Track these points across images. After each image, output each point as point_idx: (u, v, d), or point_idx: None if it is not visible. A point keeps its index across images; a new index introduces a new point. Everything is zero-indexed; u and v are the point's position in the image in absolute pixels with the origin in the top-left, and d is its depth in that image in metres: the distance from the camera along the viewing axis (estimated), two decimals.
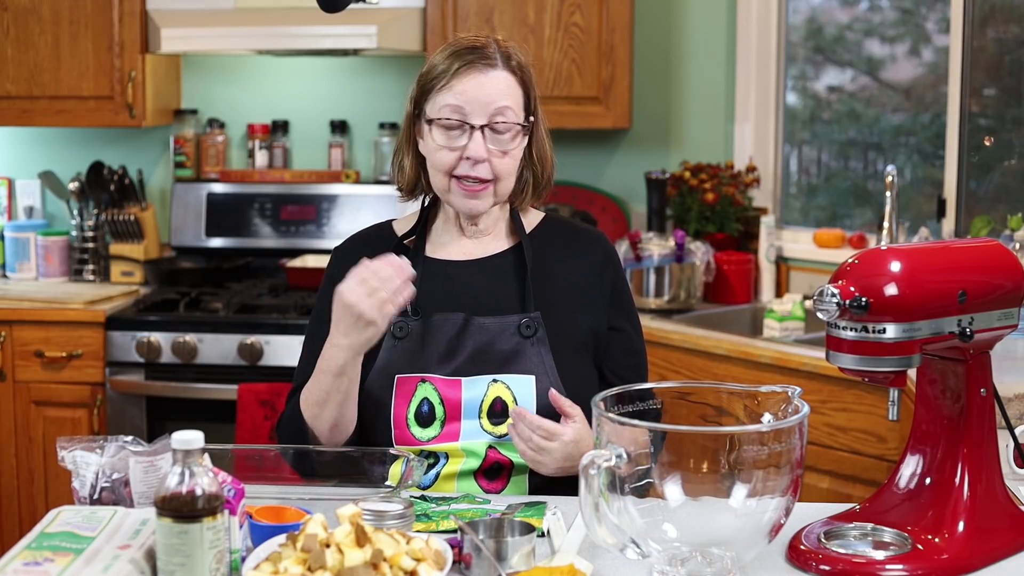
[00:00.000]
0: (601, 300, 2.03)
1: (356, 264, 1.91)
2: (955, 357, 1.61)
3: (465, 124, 1.91)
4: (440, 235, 2.06)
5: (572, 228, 2.11)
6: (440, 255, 2.04)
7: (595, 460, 1.42)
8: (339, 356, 1.86)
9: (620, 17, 3.65)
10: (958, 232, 3.33)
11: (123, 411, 3.49)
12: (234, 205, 4.00)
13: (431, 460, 1.93)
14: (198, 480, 1.36)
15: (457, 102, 1.91)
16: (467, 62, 1.92)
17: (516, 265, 2.02)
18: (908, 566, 1.53)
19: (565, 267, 2.03)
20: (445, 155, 1.93)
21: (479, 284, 2.00)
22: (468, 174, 1.92)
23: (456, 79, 1.92)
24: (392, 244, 2.03)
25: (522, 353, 1.94)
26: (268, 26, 3.66)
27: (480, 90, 1.91)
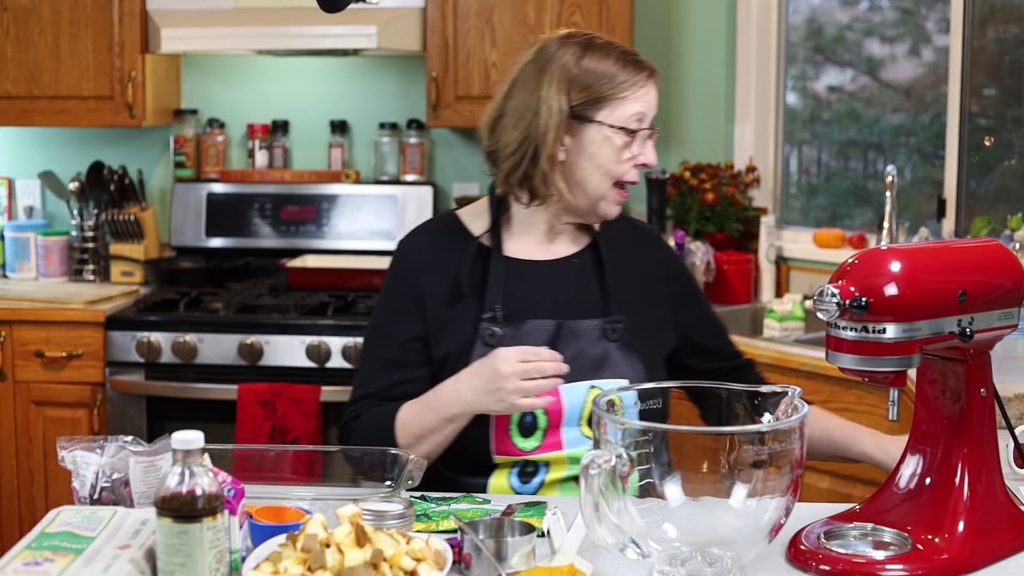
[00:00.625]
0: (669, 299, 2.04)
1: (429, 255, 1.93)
2: (955, 357, 1.61)
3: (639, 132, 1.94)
4: (517, 233, 1.99)
5: (628, 224, 2.11)
6: (518, 254, 1.98)
7: (595, 460, 1.42)
8: (456, 406, 1.83)
9: (620, 17, 3.65)
10: (958, 232, 3.33)
11: (123, 411, 3.49)
12: (234, 205, 4.00)
13: (530, 469, 1.90)
14: (198, 480, 1.36)
15: (643, 110, 1.93)
16: (648, 71, 1.96)
17: (594, 265, 2.00)
18: (908, 566, 1.53)
19: (633, 266, 2.03)
20: (625, 163, 1.93)
21: (562, 286, 1.97)
22: (633, 180, 1.94)
23: (643, 89, 1.94)
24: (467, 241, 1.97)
25: (611, 357, 1.92)
26: (268, 26, 3.66)
27: (652, 97, 1.96)
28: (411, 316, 1.95)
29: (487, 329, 1.90)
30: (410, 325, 1.95)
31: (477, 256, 1.96)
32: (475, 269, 1.95)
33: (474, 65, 3.69)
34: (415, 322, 1.95)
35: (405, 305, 1.96)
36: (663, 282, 2.04)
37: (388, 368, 1.95)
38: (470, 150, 4.06)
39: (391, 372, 1.95)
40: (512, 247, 1.98)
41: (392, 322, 1.96)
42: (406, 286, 1.96)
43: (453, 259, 1.96)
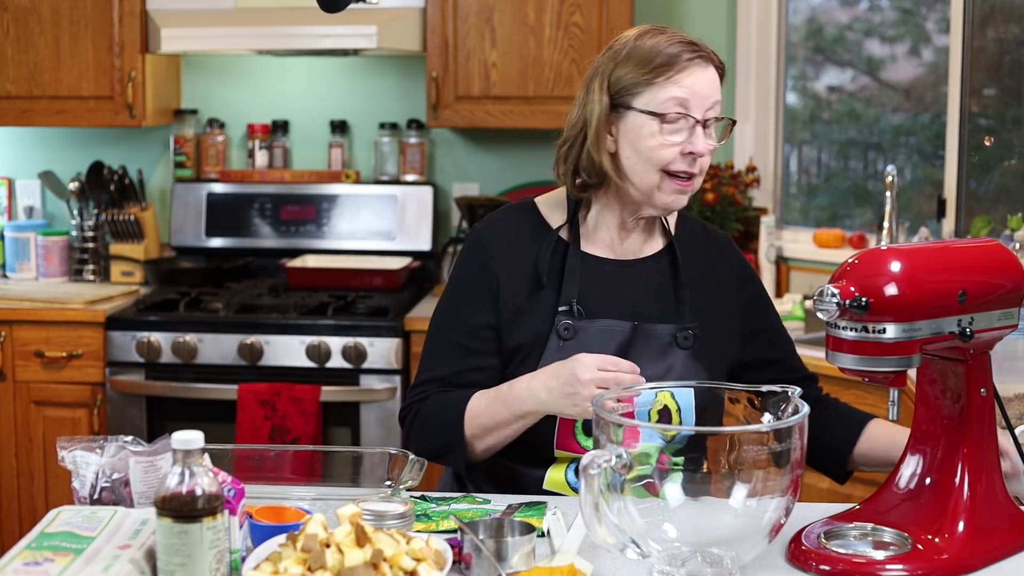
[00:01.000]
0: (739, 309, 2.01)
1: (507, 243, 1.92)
2: (955, 357, 1.61)
3: (689, 117, 1.86)
4: (596, 229, 1.97)
5: (703, 228, 2.08)
6: (595, 250, 1.96)
7: (595, 460, 1.42)
8: (529, 404, 1.82)
9: (620, 17, 3.65)
10: (958, 232, 3.33)
11: (123, 411, 3.49)
12: (234, 205, 4.00)
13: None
14: (198, 480, 1.36)
15: (685, 96, 1.85)
16: (692, 56, 1.88)
17: (669, 269, 1.98)
18: (908, 566, 1.53)
19: (705, 270, 2.00)
20: (666, 150, 1.86)
21: (638, 288, 1.95)
22: (684, 169, 1.86)
23: (682, 72, 1.86)
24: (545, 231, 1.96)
25: (678, 362, 1.91)
26: (268, 26, 3.66)
27: (702, 84, 1.86)
28: (484, 304, 1.93)
29: (563, 322, 1.89)
30: (483, 312, 1.93)
31: (556, 248, 1.94)
32: (553, 262, 1.93)
33: (474, 65, 3.69)
34: (489, 310, 1.93)
35: (479, 292, 1.94)
36: (734, 290, 2.02)
37: (458, 354, 1.93)
38: (470, 150, 4.06)
39: (461, 359, 1.93)
40: (588, 243, 1.97)
41: (465, 308, 1.94)
42: (482, 273, 1.94)
43: (532, 249, 1.94)
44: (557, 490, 1.90)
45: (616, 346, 1.88)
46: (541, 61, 3.67)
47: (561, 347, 1.87)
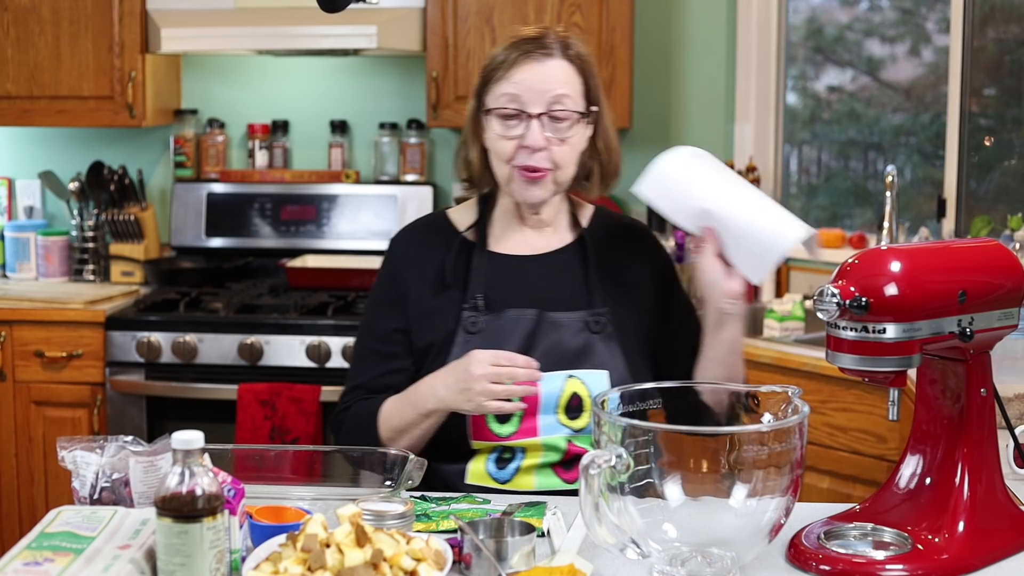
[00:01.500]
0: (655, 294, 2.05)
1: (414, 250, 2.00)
2: (955, 357, 1.61)
3: (523, 113, 1.92)
4: (501, 228, 2.05)
5: (621, 221, 2.14)
6: (503, 249, 2.03)
7: (595, 460, 1.42)
8: (431, 402, 1.88)
9: (620, 17, 3.65)
10: (958, 232, 3.34)
11: (123, 411, 3.49)
12: (234, 205, 4.00)
13: (507, 456, 1.93)
14: (198, 480, 1.36)
15: (515, 91, 1.92)
16: (524, 51, 1.94)
17: (580, 260, 2.03)
18: (908, 566, 1.53)
19: (620, 261, 2.05)
20: (504, 144, 1.94)
21: (546, 279, 2.01)
22: (526, 163, 1.93)
23: (514, 68, 1.93)
24: (452, 237, 2.04)
25: (593, 348, 1.95)
26: (268, 26, 3.66)
27: (537, 78, 1.92)
28: (395, 309, 2.01)
29: (469, 318, 1.96)
30: (394, 318, 2.01)
31: (461, 250, 2.02)
32: (459, 262, 2.01)
33: (474, 65, 3.69)
34: (399, 315, 2.01)
35: (390, 299, 2.02)
36: (651, 279, 2.06)
37: (374, 360, 2.01)
38: None
39: (377, 364, 2.00)
40: (497, 243, 2.04)
41: (378, 316, 2.03)
42: (391, 280, 2.04)
43: (438, 254, 2.03)
44: (479, 482, 1.94)
45: (522, 336, 1.94)
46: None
47: (468, 341, 1.94)
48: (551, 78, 1.92)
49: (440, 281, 2.00)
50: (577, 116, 1.94)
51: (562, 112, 1.92)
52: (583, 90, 1.96)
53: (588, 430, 1.92)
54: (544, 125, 1.92)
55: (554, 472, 1.93)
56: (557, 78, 1.93)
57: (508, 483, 1.93)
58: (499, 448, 1.93)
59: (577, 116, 1.94)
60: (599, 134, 2.02)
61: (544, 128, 1.92)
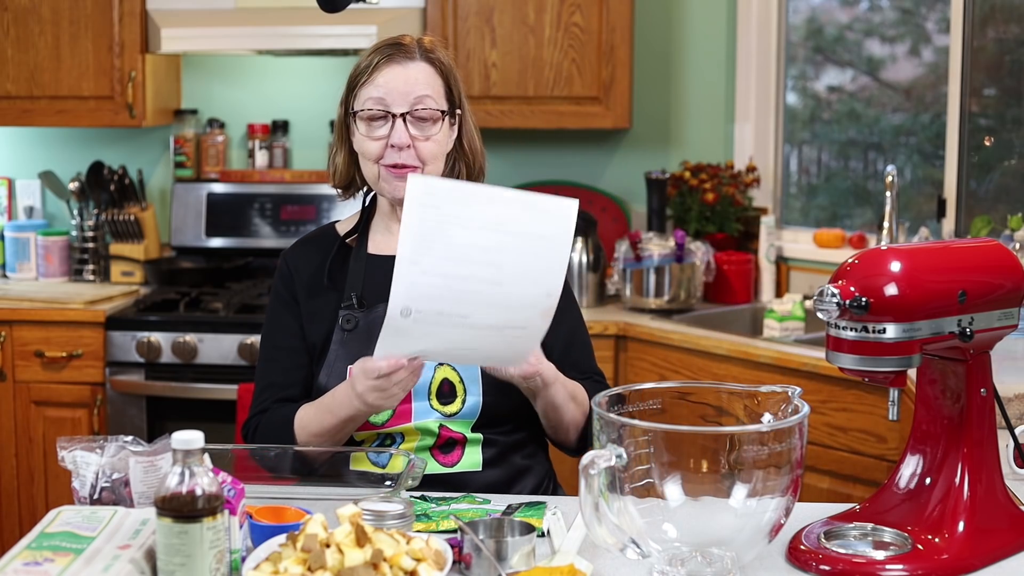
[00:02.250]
0: None
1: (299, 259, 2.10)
2: (955, 357, 1.61)
3: (388, 113, 2.00)
4: (380, 231, 2.14)
5: None
6: (380, 250, 2.12)
7: (595, 460, 1.42)
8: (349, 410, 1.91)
9: (620, 17, 3.65)
10: (958, 232, 3.33)
11: (123, 411, 3.49)
12: (234, 205, 4.00)
13: (388, 442, 2.01)
14: (198, 480, 1.36)
15: (379, 94, 2.00)
16: (386, 56, 2.02)
17: None
18: (908, 566, 1.53)
19: None
20: (371, 144, 2.02)
21: None
22: (394, 161, 2.00)
23: (376, 72, 2.02)
24: (335, 244, 2.13)
25: None
26: (268, 26, 3.66)
27: (399, 80, 2.00)
28: (289, 311, 2.10)
29: (344, 316, 2.04)
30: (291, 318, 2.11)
31: (339, 254, 2.11)
32: (336, 266, 2.10)
33: (474, 65, 3.69)
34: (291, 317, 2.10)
35: (283, 303, 2.12)
36: None
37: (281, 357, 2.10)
38: None
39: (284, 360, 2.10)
40: (376, 245, 2.13)
41: (276, 317, 2.13)
42: (282, 288, 2.13)
43: (319, 259, 2.12)
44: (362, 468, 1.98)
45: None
46: (541, 61, 3.67)
47: (344, 339, 2.03)
48: (412, 79, 2.01)
49: (319, 285, 2.09)
50: (439, 114, 2.02)
51: (425, 111, 2.00)
52: (444, 91, 2.04)
53: (461, 414, 1.99)
54: (408, 124, 2.00)
55: (432, 456, 1.99)
56: (418, 79, 2.01)
57: (387, 467, 1.97)
58: (379, 436, 2.00)
59: (439, 114, 2.02)
60: (463, 135, 2.10)
61: (408, 127, 2.00)
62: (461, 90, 2.09)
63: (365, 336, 2.01)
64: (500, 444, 2.02)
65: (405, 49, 2.03)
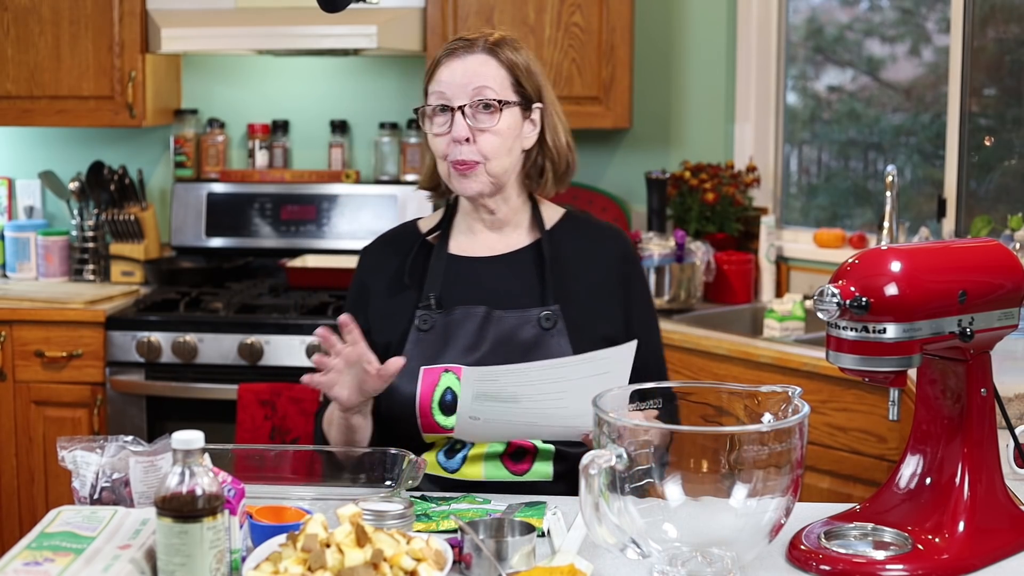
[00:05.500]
0: (617, 295, 2.08)
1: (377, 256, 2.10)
2: (955, 357, 1.61)
3: (448, 108, 1.98)
4: (462, 230, 2.11)
5: (591, 223, 2.17)
6: (464, 251, 2.09)
7: (595, 460, 1.42)
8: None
9: (620, 17, 3.65)
10: (958, 232, 3.33)
11: (123, 411, 3.49)
12: (234, 205, 4.00)
13: (458, 446, 2.00)
14: (198, 480, 1.36)
15: (439, 88, 1.99)
16: (448, 52, 2.01)
17: (537, 260, 2.07)
18: (908, 566, 1.53)
19: (583, 261, 2.09)
20: (437, 141, 2.01)
21: (501, 279, 2.06)
22: (457, 157, 1.98)
23: (439, 68, 2.01)
24: (416, 242, 2.11)
25: (542, 344, 1.99)
26: (268, 26, 3.66)
27: (457, 73, 1.99)
28: (358, 313, 2.08)
29: (421, 316, 2.03)
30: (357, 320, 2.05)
31: (420, 253, 2.10)
32: (417, 265, 2.09)
33: None
34: (361, 318, 2.06)
35: (354, 303, 2.12)
36: (615, 284, 2.09)
37: None
38: None
39: None
40: (458, 245, 2.11)
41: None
42: (356, 287, 2.14)
43: (399, 258, 2.11)
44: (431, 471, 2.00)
45: (470, 332, 2.00)
46: (541, 61, 3.65)
47: (419, 339, 2.02)
48: (471, 71, 1.99)
49: (399, 283, 2.08)
50: (498, 106, 1.97)
51: (484, 102, 1.97)
52: (511, 83, 2.00)
53: None
54: (468, 117, 1.97)
55: (502, 463, 1.98)
56: (477, 71, 1.99)
57: (457, 472, 1.98)
58: (450, 439, 1.99)
59: (498, 106, 1.97)
60: (547, 131, 2.06)
61: (468, 119, 1.97)
62: (541, 85, 2.04)
63: (442, 337, 2.01)
64: (571, 458, 1.98)
65: (468, 43, 2.01)
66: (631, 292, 2.10)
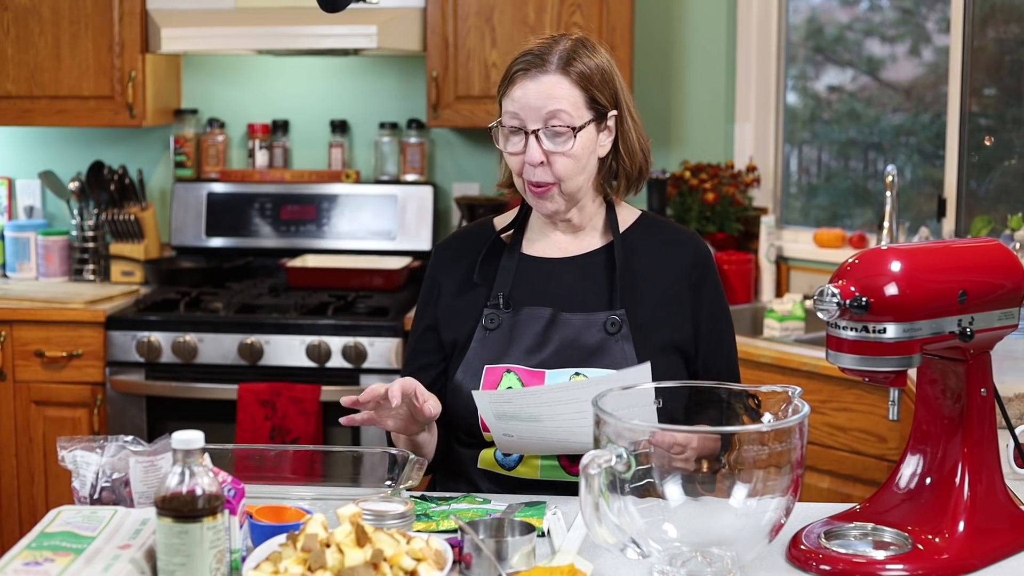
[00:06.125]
0: (688, 301, 2.04)
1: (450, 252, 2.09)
2: (955, 357, 1.61)
3: (522, 130, 1.95)
4: (536, 231, 2.09)
5: (666, 227, 2.13)
6: (537, 252, 2.08)
7: (595, 460, 1.42)
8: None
9: (620, 17, 3.65)
10: (958, 232, 3.33)
11: (123, 411, 3.49)
12: (234, 205, 4.00)
13: None
14: (198, 480, 1.36)
15: (514, 108, 1.95)
16: (520, 68, 1.96)
17: (608, 263, 2.05)
18: (908, 566, 1.53)
19: (655, 266, 2.05)
20: (512, 160, 1.99)
21: (570, 281, 2.04)
22: (530, 179, 1.96)
23: (512, 86, 1.96)
24: (489, 238, 2.09)
25: (606, 349, 1.97)
26: (268, 26, 3.66)
27: (531, 96, 1.94)
28: (428, 309, 2.10)
29: (489, 315, 2.01)
30: (427, 316, 2.10)
31: (493, 251, 2.08)
32: (489, 263, 2.07)
33: (474, 65, 3.69)
34: (430, 314, 2.09)
35: (427, 299, 2.12)
36: (685, 289, 2.05)
37: (412, 357, 2.11)
38: (470, 150, 4.06)
39: (411, 361, 2.10)
40: (530, 245, 2.09)
41: (416, 316, 2.14)
42: (428, 283, 2.13)
43: (471, 255, 2.08)
44: (488, 467, 1.99)
45: (534, 334, 1.99)
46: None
47: (485, 337, 2.01)
48: (545, 95, 1.94)
49: (469, 281, 2.06)
50: (572, 132, 1.94)
51: (559, 127, 1.93)
52: (586, 100, 1.96)
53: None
54: (542, 140, 1.94)
55: (559, 463, 1.95)
56: (551, 94, 1.94)
57: (514, 470, 1.96)
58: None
59: (572, 132, 1.94)
60: (621, 137, 2.02)
61: (542, 143, 1.94)
62: (618, 90, 2.00)
63: (507, 337, 1.99)
64: None
65: (541, 60, 1.95)
66: (701, 299, 2.06)
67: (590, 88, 1.96)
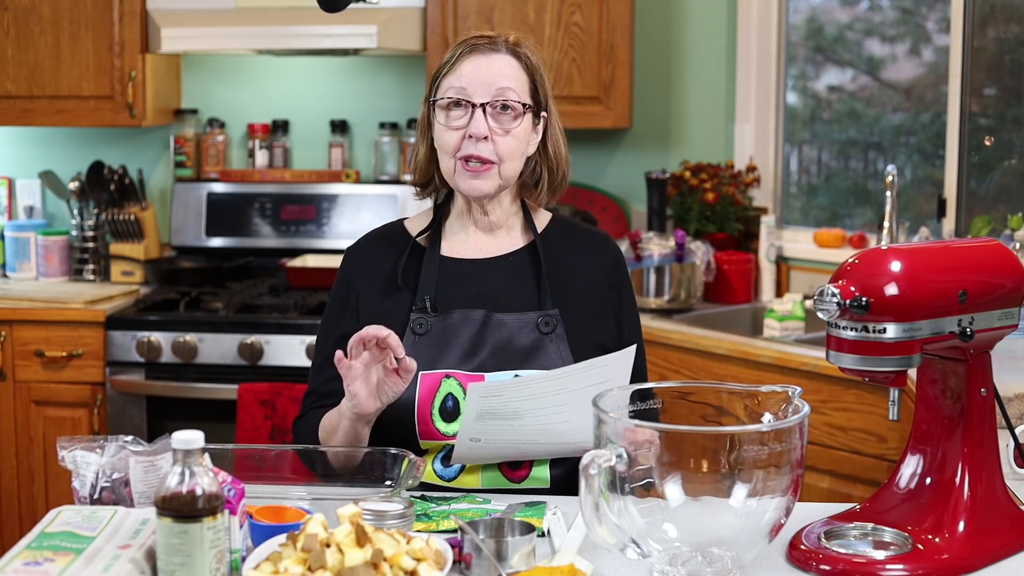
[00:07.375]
0: (610, 301, 2.07)
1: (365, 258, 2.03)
2: (955, 357, 1.61)
3: (467, 103, 1.95)
4: (454, 232, 2.08)
5: (580, 228, 2.15)
6: (456, 253, 2.06)
7: (595, 460, 1.42)
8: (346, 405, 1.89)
9: (620, 17, 3.65)
10: (958, 232, 3.33)
11: (123, 411, 3.49)
12: (234, 205, 4.00)
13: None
14: (198, 480, 1.36)
15: (460, 83, 1.96)
16: (470, 46, 1.98)
17: (531, 263, 2.05)
18: (908, 566, 1.53)
19: (576, 266, 2.07)
20: (449, 135, 1.96)
21: (496, 282, 2.03)
22: (471, 153, 1.95)
23: (460, 62, 1.98)
24: (406, 243, 2.07)
25: (542, 348, 1.97)
26: (268, 26, 3.66)
27: (481, 70, 1.96)
28: (345, 315, 2.05)
29: (416, 319, 1.99)
30: (344, 323, 2.04)
31: (412, 255, 2.06)
32: (409, 267, 2.04)
33: None
34: (349, 321, 2.03)
35: (340, 306, 2.07)
36: (606, 288, 2.08)
37: (324, 365, 2.04)
38: None
39: (326, 369, 2.02)
40: (450, 247, 2.07)
41: (329, 322, 2.08)
42: (343, 288, 2.07)
43: (389, 260, 2.06)
44: (427, 480, 1.96)
45: (469, 336, 1.97)
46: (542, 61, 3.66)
47: (416, 342, 1.97)
48: (496, 71, 1.96)
49: (391, 285, 2.03)
50: (521, 109, 1.96)
51: (506, 103, 1.95)
52: (530, 87, 1.99)
53: None
54: (488, 116, 1.95)
55: (499, 470, 1.95)
56: (502, 71, 1.96)
57: (453, 481, 1.95)
58: (446, 447, 1.95)
59: (521, 109, 1.96)
60: (548, 140, 2.05)
61: (488, 119, 1.95)
62: (549, 93, 2.03)
63: (439, 341, 1.97)
64: (569, 462, 1.95)
65: (491, 41, 1.98)
66: (621, 299, 2.09)
67: (535, 78, 2.00)
